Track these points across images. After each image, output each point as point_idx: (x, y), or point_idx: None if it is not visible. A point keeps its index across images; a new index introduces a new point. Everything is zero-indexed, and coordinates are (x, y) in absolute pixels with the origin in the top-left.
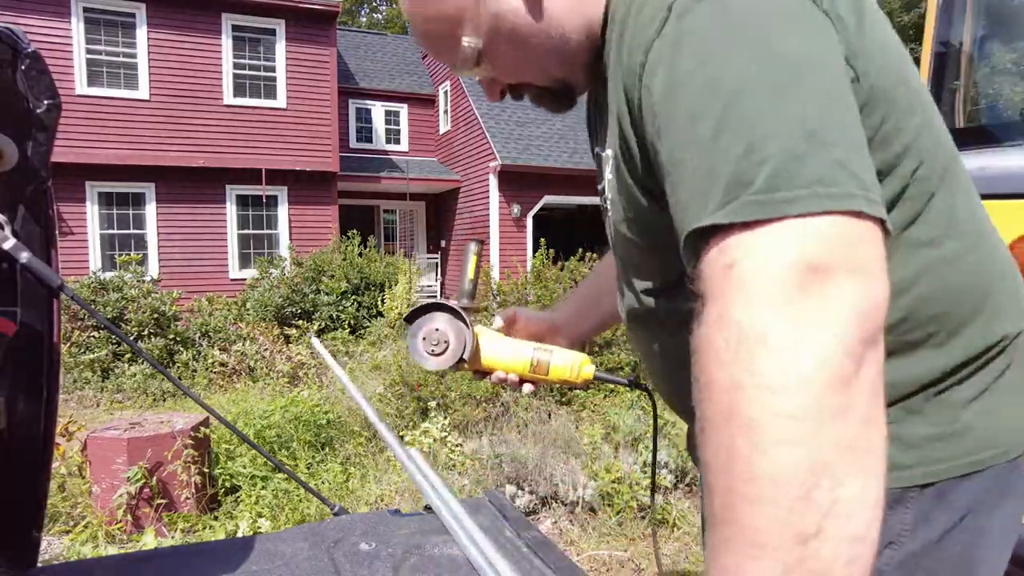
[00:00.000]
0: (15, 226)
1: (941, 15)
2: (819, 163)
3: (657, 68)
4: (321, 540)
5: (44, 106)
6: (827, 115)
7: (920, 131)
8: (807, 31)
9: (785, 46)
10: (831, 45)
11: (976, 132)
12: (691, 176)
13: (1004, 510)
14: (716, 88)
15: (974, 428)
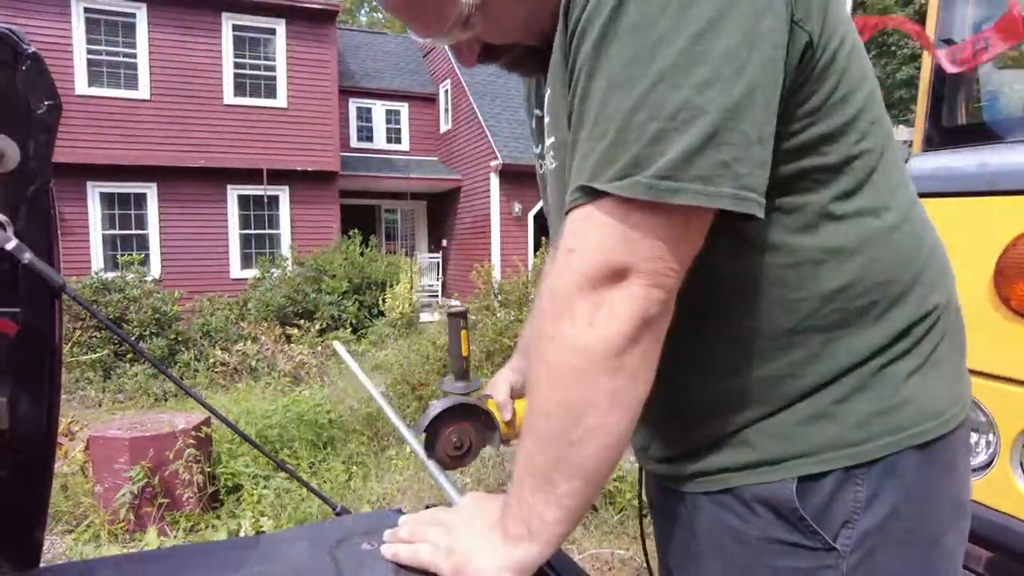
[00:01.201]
0: (17, 227)
1: (942, 10)
2: (709, 165)
3: (598, 8)
4: (323, 540)
5: (45, 107)
6: (735, 113)
7: (868, 101)
8: (750, 15)
9: (720, 41)
10: (771, 24)
11: (977, 128)
12: (594, 133)
13: (951, 478)
14: (646, 63)
15: (915, 400)
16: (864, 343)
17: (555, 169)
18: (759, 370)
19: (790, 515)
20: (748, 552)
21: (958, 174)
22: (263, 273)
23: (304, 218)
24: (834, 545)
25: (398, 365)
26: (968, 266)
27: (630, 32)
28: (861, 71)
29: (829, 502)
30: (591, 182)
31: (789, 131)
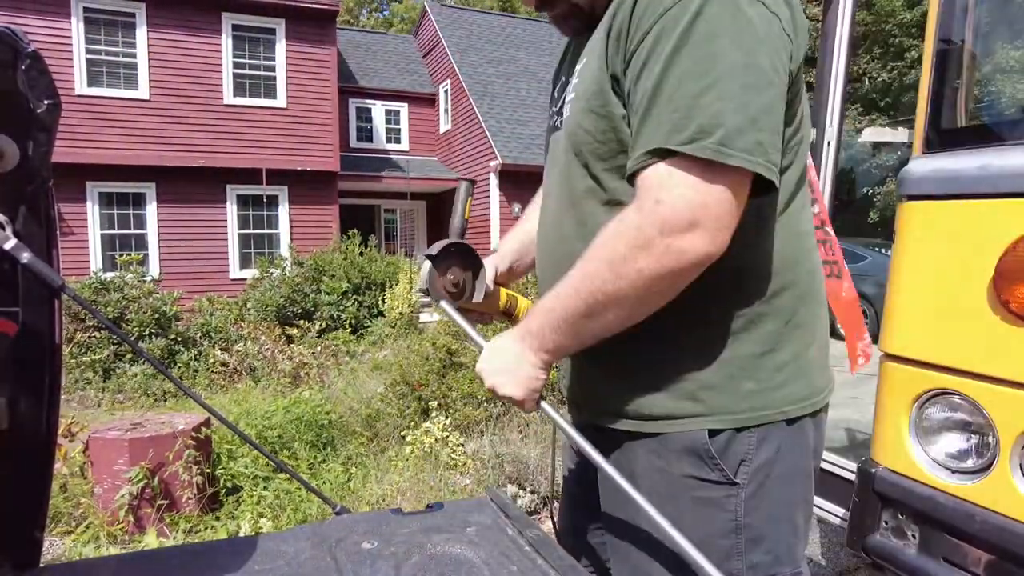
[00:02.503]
0: (16, 226)
1: (943, 12)
2: (750, 141)
3: (679, 18)
4: (323, 540)
5: (44, 106)
6: (767, 111)
7: (802, 102)
8: (774, 52)
9: (761, 61)
10: (783, 64)
11: (978, 130)
12: (667, 109)
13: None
14: (712, 63)
15: (786, 386)
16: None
17: (567, 119)
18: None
19: (704, 455)
20: (672, 486)
21: (958, 176)
22: (262, 273)
23: (303, 218)
24: (735, 479)
25: (398, 365)
26: (968, 268)
27: (701, 40)
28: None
29: (729, 445)
30: (666, 143)
31: None
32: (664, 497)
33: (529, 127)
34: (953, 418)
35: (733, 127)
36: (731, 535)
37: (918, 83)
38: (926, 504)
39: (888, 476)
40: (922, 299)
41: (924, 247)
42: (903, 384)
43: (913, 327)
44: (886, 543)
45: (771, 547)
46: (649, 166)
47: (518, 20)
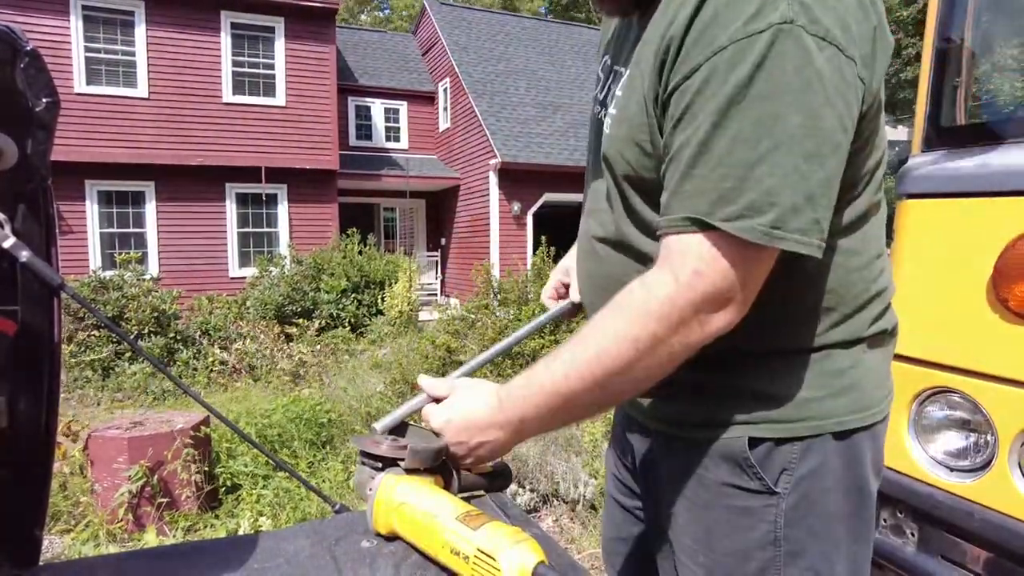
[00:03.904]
0: (15, 225)
1: (943, 10)
2: (806, 220)
3: (735, 64)
4: (323, 538)
5: (43, 104)
6: (826, 184)
7: (880, 123)
8: (843, 106)
9: (825, 124)
10: (851, 118)
11: (977, 128)
12: (713, 173)
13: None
14: (769, 128)
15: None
16: None
17: (609, 135)
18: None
19: (743, 463)
20: (708, 493)
21: (957, 174)
22: (262, 272)
23: (303, 216)
24: (775, 489)
25: (397, 364)
26: (967, 267)
27: (759, 99)
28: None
29: (770, 454)
30: (707, 216)
31: None
32: (700, 504)
33: (528, 125)
34: (952, 416)
35: (789, 206)
36: (769, 547)
37: (915, 80)
38: (925, 502)
39: (887, 474)
40: (921, 297)
41: (923, 245)
42: (902, 382)
43: (912, 325)
44: (885, 541)
45: (812, 563)
46: (687, 232)
47: (518, 18)
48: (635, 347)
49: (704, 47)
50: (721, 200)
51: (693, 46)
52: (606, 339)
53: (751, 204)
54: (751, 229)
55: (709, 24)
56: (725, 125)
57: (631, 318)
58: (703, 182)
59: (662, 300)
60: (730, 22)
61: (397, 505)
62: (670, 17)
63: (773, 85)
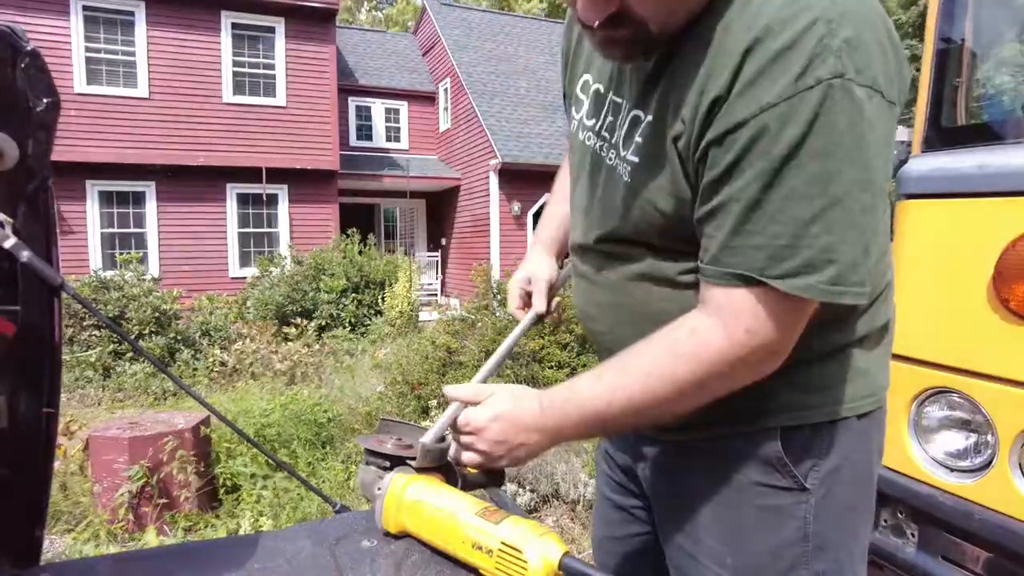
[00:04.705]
0: (16, 225)
1: (943, 11)
2: (863, 273)
3: (785, 122)
4: (323, 538)
5: (44, 104)
6: (876, 231)
7: None
8: (888, 151)
9: (877, 174)
10: (892, 158)
11: (978, 129)
12: (767, 231)
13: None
14: (824, 185)
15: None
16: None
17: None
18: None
19: (774, 460)
20: (736, 493)
21: (957, 175)
22: (262, 272)
23: (303, 217)
24: (805, 485)
25: (397, 364)
26: (967, 267)
27: (814, 156)
28: None
29: (800, 447)
30: (761, 274)
31: None
32: (728, 506)
33: (529, 126)
34: (952, 416)
35: (848, 262)
36: (799, 544)
37: (914, 81)
38: (925, 502)
39: (887, 474)
40: (921, 298)
41: (923, 246)
42: (902, 382)
43: (912, 326)
44: (885, 541)
45: (837, 554)
46: (738, 287)
47: (518, 18)
48: (680, 391)
49: (750, 102)
50: (776, 258)
51: (738, 100)
52: (651, 378)
53: (808, 262)
54: (810, 287)
55: (755, 79)
56: (778, 183)
57: (679, 364)
58: (756, 238)
59: (712, 355)
60: (778, 77)
61: (410, 503)
62: (707, 69)
63: (827, 142)
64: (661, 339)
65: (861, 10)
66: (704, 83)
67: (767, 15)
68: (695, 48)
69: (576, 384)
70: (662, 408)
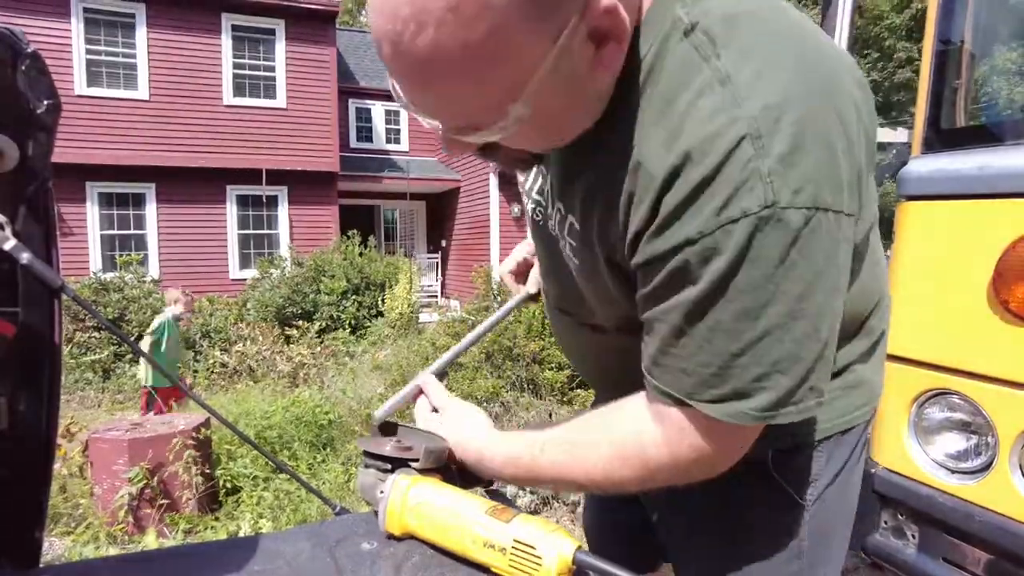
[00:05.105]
0: (16, 226)
1: (942, 12)
2: (803, 393)
3: (709, 258)
4: (323, 540)
5: (44, 106)
6: (822, 349)
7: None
8: (836, 268)
9: (815, 298)
10: (846, 270)
11: (977, 130)
12: (693, 358)
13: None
14: (753, 321)
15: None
16: None
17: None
18: None
19: (773, 475)
20: (736, 512)
21: (957, 176)
22: (262, 273)
23: (303, 218)
24: (804, 502)
25: (397, 366)
26: (967, 269)
27: (740, 292)
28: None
29: (798, 463)
30: (690, 398)
31: None
32: (725, 524)
33: None
34: (952, 418)
35: (784, 388)
36: (795, 560)
37: (908, 82)
38: (925, 504)
39: (887, 476)
40: (921, 299)
41: (923, 247)
42: (902, 384)
43: (912, 327)
44: (885, 543)
45: (825, 568)
46: (674, 406)
47: None
48: (621, 484)
49: (670, 237)
50: (703, 384)
51: (658, 234)
52: (595, 470)
53: (738, 390)
54: (741, 415)
55: (675, 212)
56: (703, 316)
57: (622, 465)
58: (682, 362)
59: (656, 465)
60: (699, 211)
61: (414, 505)
62: (627, 191)
63: (754, 277)
64: (611, 434)
65: (804, 103)
66: (628, 207)
67: (688, 134)
68: (610, 156)
69: (521, 447)
70: (601, 491)
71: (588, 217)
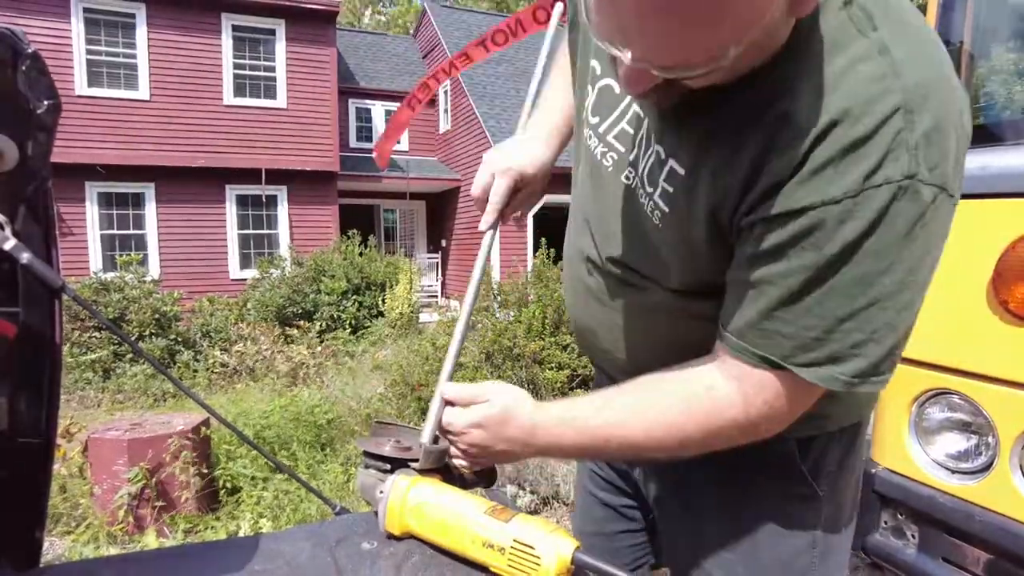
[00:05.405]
0: (16, 226)
1: (942, 12)
2: (886, 366)
3: (844, 220)
4: (323, 540)
5: (44, 106)
6: (911, 325)
7: None
8: (939, 251)
9: (923, 272)
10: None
11: (977, 130)
12: (799, 321)
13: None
14: (867, 286)
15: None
16: None
17: (662, 219)
18: None
19: (792, 467)
20: (750, 503)
21: None
22: (262, 273)
23: (303, 218)
24: (819, 491)
25: (397, 366)
26: (967, 269)
27: (864, 257)
28: None
29: (815, 454)
30: (787, 361)
31: None
32: (740, 515)
33: None
34: (953, 418)
35: (874, 358)
36: (808, 551)
37: None
38: (926, 504)
39: (888, 476)
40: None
41: None
42: (902, 384)
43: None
44: (886, 543)
45: (837, 557)
46: (760, 368)
47: None
48: (683, 443)
49: (813, 192)
50: (803, 348)
51: (801, 186)
52: (657, 427)
53: (834, 354)
54: (831, 379)
55: (823, 169)
56: (822, 279)
57: (689, 420)
58: (787, 327)
59: (726, 420)
60: (847, 171)
61: (414, 505)
62: (765, 141)
63: (881, 244)
64: (675, 390)
65: (944, 89)
66: (761, 154)
67: (845, 92)
68: (748, 105)
69: (575, 410)
70: (660, 453)
71: (700, 163)
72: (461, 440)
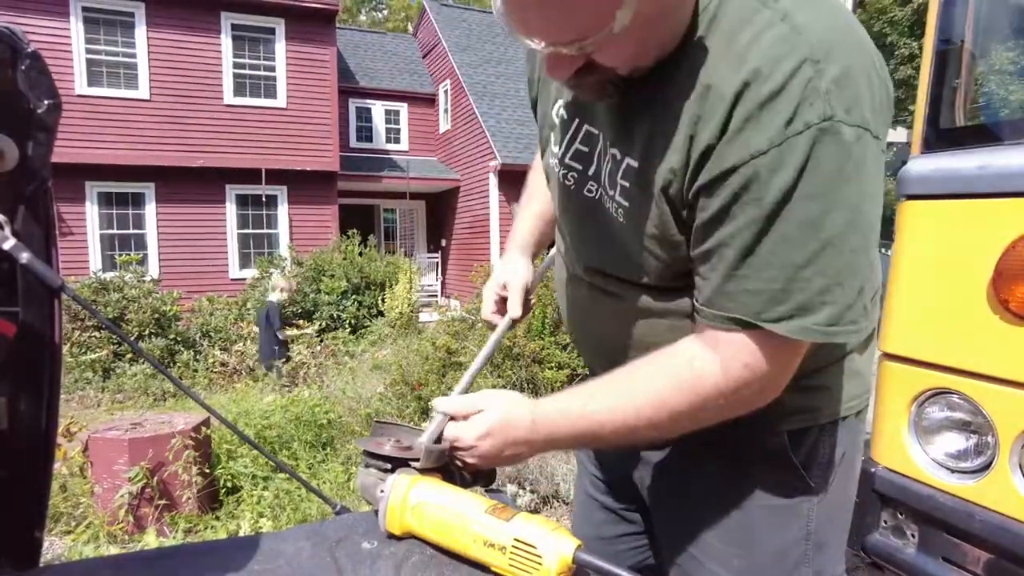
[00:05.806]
0: (15, 226)
1: (942, 11)
2: (858, 311)
3: (775, 169)
4: (323, 539)
5: (44, 106)
6: (869, 269)
7: None
8: (878, 192)
9: (866, 214)
10: (881, 203)
11: (977, 130)
12: (760, 275)
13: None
14: (816, 229)
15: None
16: None
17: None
18: None
19: (784, 459)
20: (743, 494)
21: (957, 176)
22: (262, 273)
23: (303, 218)
24: (811, 483)
25: (397, 365)
26: (967, 268)
27: (804, 201)
28: None
29: (806, 447)
30: (757, 318)
31: None
32: (735, 508)
33: (528, 127)
34: (952, 417)
35: (843, 303)
36: (802, 543)
37: (908, 80)
38: (925, 503)
39: (887, 475)
40: (921, 299)
41: (923, 247)
42: (902, 383)
43: (912, 327)
44: (885, 542)
45: (832, 551)
46: (735, 331)
47: None
48: (674, 419)
49: (740, 149)
50: (772, 302)
51: (727, 146)
52: (648, 404)
53: (802, 305)
54: (805, 330)
55: (744, 126)
56: (771, 229)
57: (676, 394)
58: (750, 283)
59: (709, 388)
60: (767, 124)
61: (415, 504)
62: (694, 112)
63: (816, 186)
64: (659, 367)
65: (848, 41)
66: (693, 128)
67: (754, 57)
68: (678, 89)
69: (570, 400)
70: (654, 432)
71: (649, 151)
72: (471, 454)
